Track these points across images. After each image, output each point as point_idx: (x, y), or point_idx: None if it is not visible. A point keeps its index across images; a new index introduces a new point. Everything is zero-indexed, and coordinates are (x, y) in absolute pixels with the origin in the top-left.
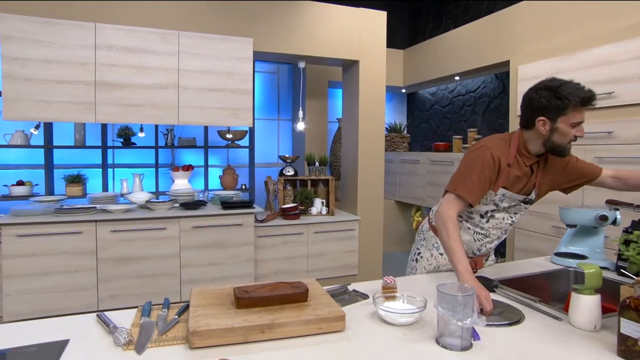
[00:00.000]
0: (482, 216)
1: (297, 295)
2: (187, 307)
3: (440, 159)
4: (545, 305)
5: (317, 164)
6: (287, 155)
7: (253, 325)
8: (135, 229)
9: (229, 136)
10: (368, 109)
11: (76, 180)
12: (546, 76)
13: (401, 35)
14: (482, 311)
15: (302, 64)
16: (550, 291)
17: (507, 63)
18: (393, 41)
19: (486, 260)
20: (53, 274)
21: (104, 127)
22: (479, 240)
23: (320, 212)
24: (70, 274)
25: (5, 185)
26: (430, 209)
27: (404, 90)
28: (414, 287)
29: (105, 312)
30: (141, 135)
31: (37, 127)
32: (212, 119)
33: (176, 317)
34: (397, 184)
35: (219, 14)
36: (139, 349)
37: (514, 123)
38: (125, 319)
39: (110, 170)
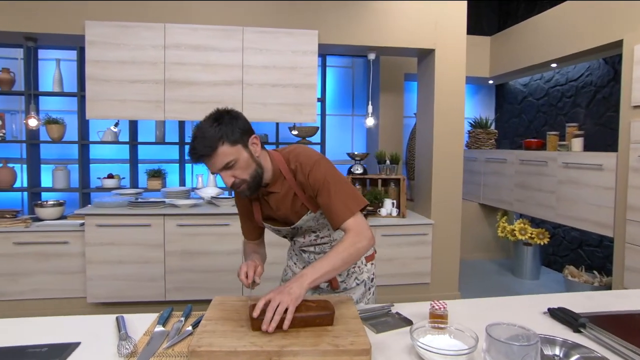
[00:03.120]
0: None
1: (320, 318)
2: None
3: (531, 158)
4: None
5: (388, 161)
6: (355, 153)
7: (259, 350)
8: (199, 224)
9: (294, 132)
10: (445, 102)
11: (156, 174)
12: None
13: (489, 20)
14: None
15: (372, 56)
16: None
17: (619, 43)
18: (479, 27)
19: None
20: (127, 263)
21: (181, 123)
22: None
23: (390, 214)
24: (141, 265)
25: (98, 178)
26: (521, 215)
27: (491, 82)
28: (474, 313)
29: (125, 316)
30: None
31: (116, 124)
32: (276, 115)
33: (190, 328)
34: (482, 185)
35: (282, 7)
36: None
37: (628, 115)
38: (144, 323)
39: (188, 166)
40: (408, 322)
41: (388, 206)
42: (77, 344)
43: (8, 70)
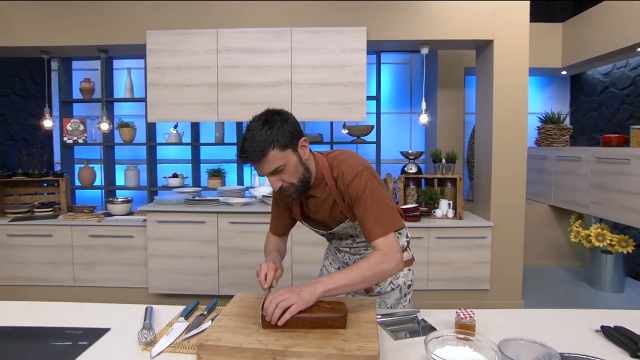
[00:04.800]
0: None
1: (331, 320)
2: None
3: (610, 155)
4: None
5: (444, 160)
6: (409, 152)
7: (264, 348)
8: (251, 222)
9: (345, 131)
10: (505, 97)
11: (216, 174)
12: None
13: (563, 5)
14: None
15: (424, 50)
16: None
17: None
18: (551, 13)
19: None
20: (183, 257)
21: (238, 124)
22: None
23: (446, 215)
24: (196, 259)
25: (164, 177)
26: (601, 220)
27: (564, 72)
28: (511, 325)
29: (154, 307)
30: None
31: (175, 127)
32: (324, 114)
33: (210, 322)
34: (552, 186)
35: (330, 5)
36: (154, 352)
37: None
38: (171, 314)
39: (246, 166)
40: (432, 330)
41: (444, 207)
42: (107, 330)
43: (89, 80)
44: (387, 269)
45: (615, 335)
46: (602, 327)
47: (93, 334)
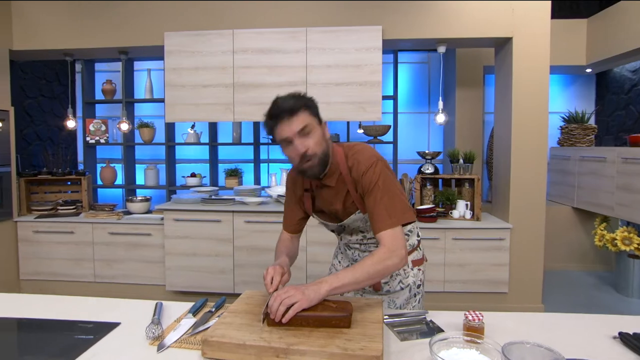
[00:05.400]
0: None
1: (336, 320)
2: None
3: (638, 155)
4: None
5: (461, 160)
6: (426, 152)
7: (267, 346)
8: (266, 221)
9: (360, 131)
10: (525, 96)
11: (233, 173)
12: None
13: (588, 0)
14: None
15: (442, 49)
16: None
17: None
18: (575, 8)
19: None
20: (199, 255)
21: (255, 125)
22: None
23: (464, 216)
24: (212, 258)
25: (183, 177)
26: (628, 223)
27: (589, 70)
28: (524, 328)
29: (164, 303)
30: None
31: (192, 126)
32: (339, 114)
33: (216, 319)
34: (576, 187)
35: (345, 4)
36: (160, 347)
37: None
38: (180, 311)
39: (263, 166)
40: (439, 332)
41: (461, 208)
42: (117, 324)
43: (110, 81)
44: (392, 265)
45: (633, 342)
46: (620, 333)
47: (103, 328)
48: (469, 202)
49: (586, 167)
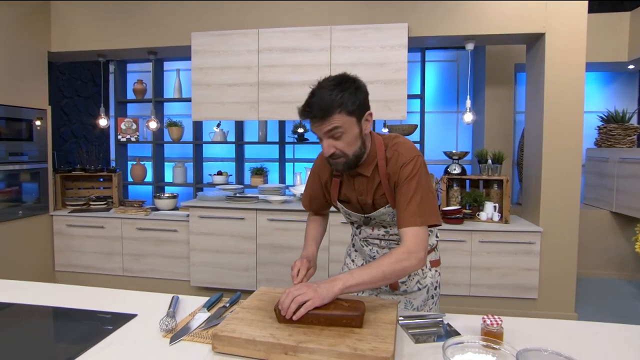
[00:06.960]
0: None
1: (347, 319)
2: None
3: None
4: None
5: (490, 161)
6: (453, 152)
7: (276, 343)
8: (288, 220)
9: (385, 130)
10: (558, 95)
11: (259, 172)
12: None
13: None
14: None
15: (470, 46)
16: None
17: None
18: (618, 2)
19: None
20: (223, 252)
21: (281, 124)
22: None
23: (491, 219)
24: (236, 255)
25: (210, 175)
26: None
27: (631, 67)
28: (549, 336)
29: (180, 296)
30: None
31: (218, 125)
32: None
33: (230, 313)
34: (615, 190)
35: (369, 2)
36: (173, 339)
37: None
38: (195, 304)
39: (288, 165)
40: (456, 335)
41: (489, 210)
42: (134, 315)
43: (141, 81)
44: (409, 267)
45: None
46: None
47: (121, 319)
48: (497, 204)
49: (627, 169)
